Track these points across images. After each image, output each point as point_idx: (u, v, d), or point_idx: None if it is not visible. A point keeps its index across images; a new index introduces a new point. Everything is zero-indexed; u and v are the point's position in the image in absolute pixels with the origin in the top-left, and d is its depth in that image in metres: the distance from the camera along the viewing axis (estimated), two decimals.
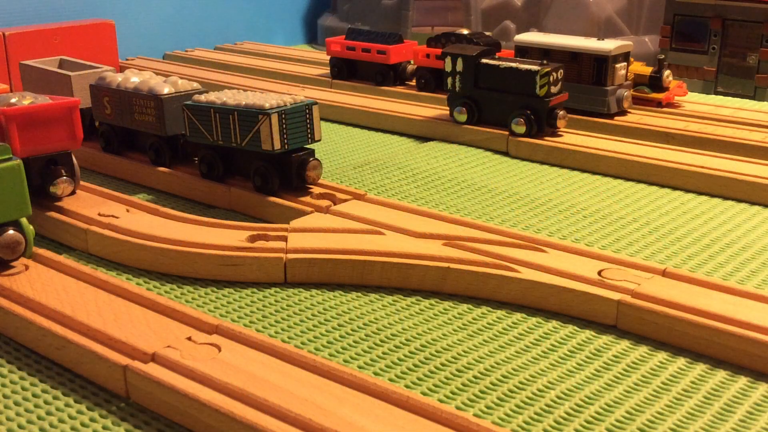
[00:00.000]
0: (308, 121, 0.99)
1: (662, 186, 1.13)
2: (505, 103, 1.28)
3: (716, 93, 1.75)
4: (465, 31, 1.56)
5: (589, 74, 1.36)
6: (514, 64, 1.27)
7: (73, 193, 0.97)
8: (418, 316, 0.76)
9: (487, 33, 1.71)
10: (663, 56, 1.45)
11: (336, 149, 1.32)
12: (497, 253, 0.83)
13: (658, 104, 1.43)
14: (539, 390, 0.64)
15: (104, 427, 0.60)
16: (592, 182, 1.15)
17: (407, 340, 0.72)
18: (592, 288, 0.76)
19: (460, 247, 0.85)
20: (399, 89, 1.62)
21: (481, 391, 0.64)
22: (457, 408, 0.62)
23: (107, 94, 1.12)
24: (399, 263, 0.82)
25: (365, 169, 1.19)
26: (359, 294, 0.81)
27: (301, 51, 2.13)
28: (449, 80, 1.34)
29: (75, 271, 0.78)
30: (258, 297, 0.80)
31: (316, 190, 1.01)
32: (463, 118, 1.33)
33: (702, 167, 1.11)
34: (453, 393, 0.64)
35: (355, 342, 0.72)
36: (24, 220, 0.78)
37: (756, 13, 1.70)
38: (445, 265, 0.81)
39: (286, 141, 0.97)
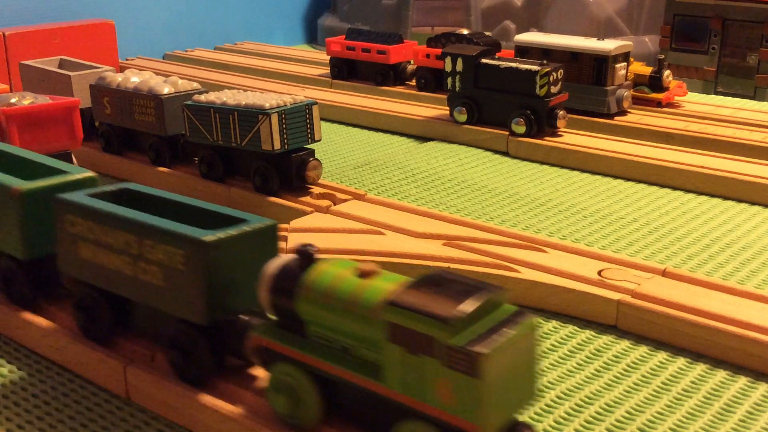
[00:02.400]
0: (308, 121, 0.99)
1: (662, 186, 1.13)
2: (505, 103, 1.28)
3: (716, 93, 1.75)
4: (465, 31, 1.56)
5: (589, 74, 1.36)
6: (514, 64, 1.27)
7: None
8: None
9: (487, 33, 1.71)
10: (663, 56, 1.45)
11: (336, 149, 1.32)
12: (497, 253, 0.83)
13: (658, 104, 1.43)
14: (539, 390, 0.64)
15: (104, 427, 0.59)
16: (592, 182, 1.15)
17: None
18: (592, 288, 0.76)
19: (460, 247, 0.85)
20: (399, 89, 1.62)
21: None
22: None
23: (107, 94, 1.12)
24: (399, 263, 0.82)
25: (365, 169, 1.19)
26: None
27: (301, 51, 2.14)
28: (449, 80, 1.33)
29: None
30: None
31: (316, 190, 1.01)
32: (463, 118, 1.33)
33: (702, 167, 1.11)
34: None
35: None
36: None
37: (756, 13, 1.70)
38: (445, 265, 0.81)
39: (286, 141, 0.97)
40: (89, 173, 0.70)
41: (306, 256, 0.53)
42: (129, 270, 0.59)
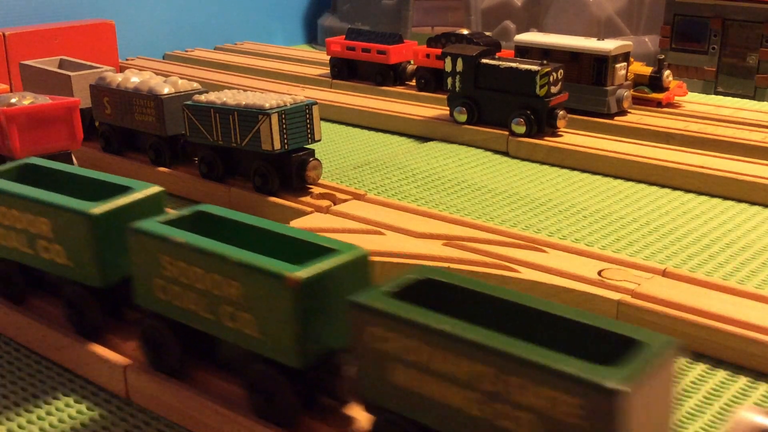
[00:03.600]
0: (308, 121, 0.99)
1: (662, 186, 1.13)
2: (505, 103, 1.28)
3: (716, 93, 1.75)
4: (465, 31, 1.56)
5: (589, 74, 1.36)
6: (514, 64, 1.27)
7: None
8: None
9: (487, 33, 1.71)
10: (663, 56, 1.45)
11: (336, 149, 1.32)
12: (497, 253, 0.83)
13: (658, 104, 1.43)
14: None
15: (104, 427, 0.60)
16: (592, 182, 1.15)
17: None
18: (592, 288, 0.76)
19: (460, 247, 0.85)
20: (399, 89, 1.62)
21: None
22: None
23: (107, 94, 1.12)
24: (399, 263, 0.82)
25: (365, 169, 1.19)
26: None
27: (301, 51, 2.13)
28: (449, 80, 1.33)
29: None
30: None
31: (316, 190, 1.01)
32: (463, 118, 1.33)
33: (702, 167, 1.11)
34: None
35: None
36: None
37: (756, 13, 1.70)
38: (446, 265, 0.81)
39: (286, 141, 0.97)
40: (362, 251, 0.54)
41: None
42: (476, 410, 0.44)
